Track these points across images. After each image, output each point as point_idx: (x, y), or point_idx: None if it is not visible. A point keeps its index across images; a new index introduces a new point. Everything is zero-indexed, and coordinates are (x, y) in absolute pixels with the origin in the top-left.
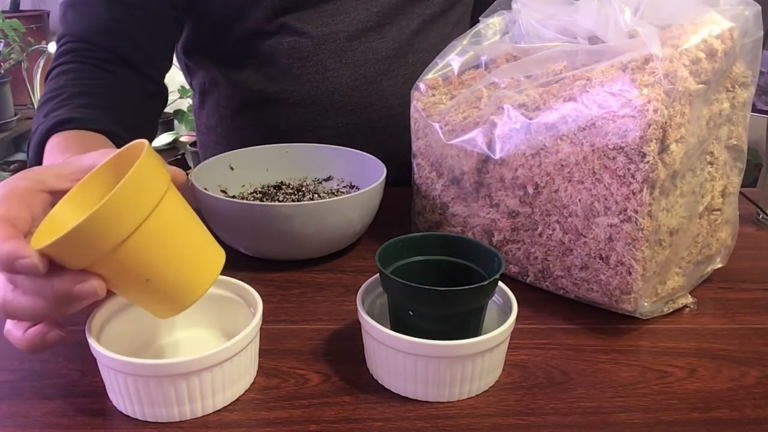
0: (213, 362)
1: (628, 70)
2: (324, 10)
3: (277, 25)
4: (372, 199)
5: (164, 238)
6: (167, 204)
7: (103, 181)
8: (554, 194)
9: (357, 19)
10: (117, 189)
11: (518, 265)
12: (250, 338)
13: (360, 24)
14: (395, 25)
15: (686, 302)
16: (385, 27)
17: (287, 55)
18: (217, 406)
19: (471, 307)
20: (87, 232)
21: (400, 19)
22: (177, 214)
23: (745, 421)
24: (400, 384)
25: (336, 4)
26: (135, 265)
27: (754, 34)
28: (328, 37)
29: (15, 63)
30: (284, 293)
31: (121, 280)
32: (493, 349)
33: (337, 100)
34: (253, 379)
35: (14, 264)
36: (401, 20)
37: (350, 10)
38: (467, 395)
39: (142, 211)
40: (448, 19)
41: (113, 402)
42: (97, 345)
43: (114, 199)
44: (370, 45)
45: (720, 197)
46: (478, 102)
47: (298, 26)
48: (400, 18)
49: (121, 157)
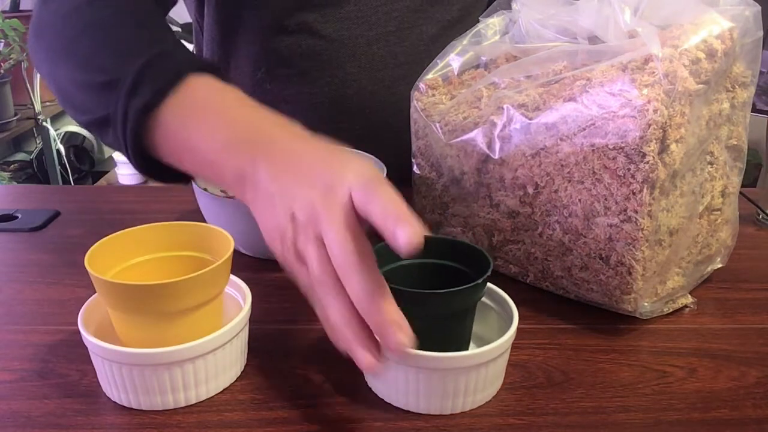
0: (206, 350)
1: (628, 70)
2: (345, 11)
3: (296, 24)
4: None
5: (195, 326)
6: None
7: (169, 237)
8: (554, 194)
9: (377, 23)
10: (213, 267)
11: (518, 265)
12: (239, 327)
13: (380, 28)
14: (414, 30)
15: (686, 302)
16: (404, 31)
17: (306, 58)
18: (210, 393)
19: (460, 309)
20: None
21: (420, 24)
22: (217, 313)
23: (745, 421)
24: (401, 398)
25: (357, 5)
26: (163, 330)
27: (754, 34)
28: (348, 41)
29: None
30: (284, 293)
31: (138, 324)
32: (494, 360)
33: (355, 104)
34: (243, 368)
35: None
36: (421, 25)
37: (370, 14)
38: (470, 407)
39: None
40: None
41: (107, 393)
42: (90, 336)
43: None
44: (390, 50)
45: (720, 197)
46: (478, 102)
47: (318, 28)
48: (420, 23)
49: (200, 229)
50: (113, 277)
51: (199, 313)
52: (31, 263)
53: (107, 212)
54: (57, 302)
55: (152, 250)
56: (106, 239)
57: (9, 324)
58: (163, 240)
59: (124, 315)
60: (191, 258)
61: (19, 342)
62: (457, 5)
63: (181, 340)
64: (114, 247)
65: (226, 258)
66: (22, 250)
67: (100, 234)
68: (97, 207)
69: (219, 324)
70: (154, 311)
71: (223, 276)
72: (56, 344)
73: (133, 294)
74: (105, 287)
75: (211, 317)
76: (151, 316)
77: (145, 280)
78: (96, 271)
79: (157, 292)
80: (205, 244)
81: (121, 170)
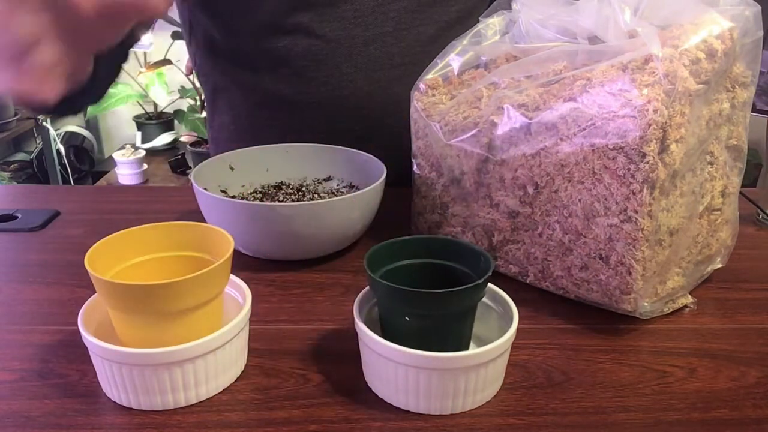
0: (206, 350)
1: (628, 70)
2: (341, 11)
3: (292, 24)
4: (372, 199)
5: (195, 326)
6: (217, 301)
7: (169, 238)
8: (554, 194)
9: (373, 23)
10: (213, 267)
11: (518, 265)
12: (240, 327)
13: (376, 28)
14: (412, 31)
15: (686, 302)
16: (401, 32)
17: (302, 58)
18: (210, 393)
19: (460, 309)
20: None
21: (417, 25)
22: (217, 313)
23: (745, 421)
24: (401, 397)
25: (353, 5)
26: (161, 329)
27: (754, 34)
28: (344, 41)
29: None
30: (284, 293)
31: (138, 323)
32: (494, 360)
33: (351, 104)
34: (243, 368)
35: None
36: (418, 26)
37: (367, 14)
38: (470, 407)
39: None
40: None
41: (107, 393)
42: (90, 336)
43: (205, 274)
44: (386, 50)
45: (720, 197)
46: (478, 102)
47: (314, 28)
48: (417, 24)
49: (200, 229)
50: (113, 277)
51: (199, 313)
52: (31, 263)
53: (107, 212)
54: (57, 302)
55: (152, 250)
56: (106, 239)
57: (9, 324)
58: (163, 240)
59: (124, 315)
60: (191, 258)
61: (19, 342)
62: (455, 7)
63: (181, 340)
64: (114, 247)
65: (226, 258)
66: (22, 250)
67: (100, 234)
68: (97, 207)
69: (219, 324)
70: (154, 311)
71: (223, 276)
72: (56, 344)
73: (133, 294)
74: (105, 287)
75: (211, 317)
76: (151, 316)
77: (145, 280)
78: (96, 271)
79: (157, 292)
80: (205, 244)
81: (121, 170)
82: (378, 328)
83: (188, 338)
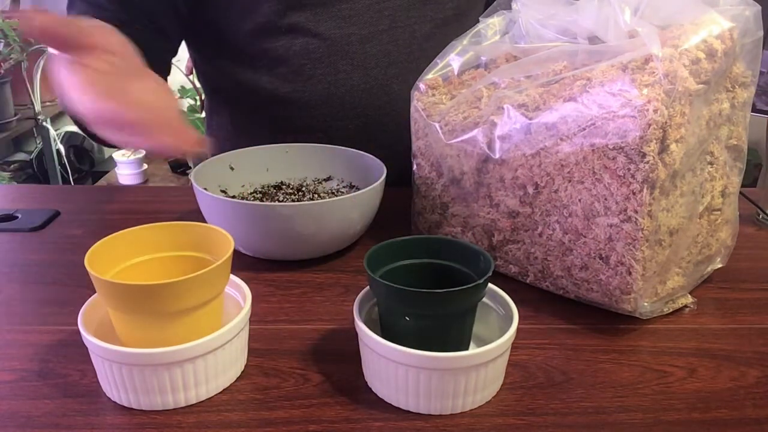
0: (206, 350)
1: (628, 70)
2: (337, 9)
3: (289, 23)
4: (372, 199)
5: (195, 326)
6: (218, 300)
7: (169, 236)
8: (554, 194)
9: (369, 21)
10: (213, 267)
11: (518, 265)
12: (240, 327)
13: (372, 26)
14: (407, 29)
15: (686, 302)
16: (396, 30)
17: (299, 56)
18: (210, 393)
19: (460, 309)
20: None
21: (412, 23)
22: (217, 313)
23: (745, 421)
24: (401, 397)
25: (349, 3)
26: (162, 330)
27: (754, 34)
28: (341, 39)
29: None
30: (284, 293)
31: (139, 322)
32: (494, 360)
33: (348, 102)
34: (243, 368)
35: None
36: (413, 24)
37: (363, 12)
38: (470, 407)
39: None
40: (462, 25)
41: (107, 393)
42: (90, 336)
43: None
44: (383, 48)
45: (720, 197)
46: (478, 102)
47: (311, 27)
48: (412, 21)
49: (200, 229)
50: (113, 277)
51: (199, 313)
52: (31, 263)
53: (107, 212)
54: (57, 302)
55: (152, 250)
56: (106, 239)
57: (9, 324)
58: (163, 240)
59: (124, 315)
60: (191, 258)
61: (19, 342)
62: (450, 4)
63: (181, 340)
64: (114, 247)
65: (226, 258)
66: (22, 250)
67: (100, 234)
68: (97, 207)
69: (219, 324)
70: (154, 311)
71: (223, 276)
72: (56, 344)
73: (133, 294)
74: (105, 287)
75: (211, 317)
76: (151, 316)
77: (145, 280)
78: (96, 271)
79: (157, 292)
80: (205, 244)
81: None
82: (378, 328)
83: (188, 338)
